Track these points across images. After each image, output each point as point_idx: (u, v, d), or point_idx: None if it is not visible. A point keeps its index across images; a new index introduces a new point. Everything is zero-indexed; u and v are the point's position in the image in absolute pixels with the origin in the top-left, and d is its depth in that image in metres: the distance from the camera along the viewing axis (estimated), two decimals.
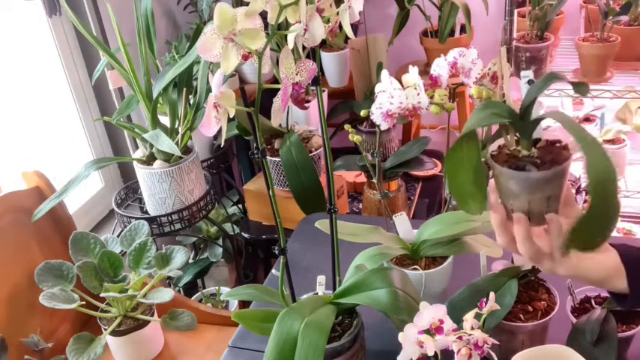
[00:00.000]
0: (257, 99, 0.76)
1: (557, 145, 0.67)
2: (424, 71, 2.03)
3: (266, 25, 0.73)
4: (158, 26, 2.02)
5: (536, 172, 0.64)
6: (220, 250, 2.04)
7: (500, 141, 0.70)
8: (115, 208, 1.65)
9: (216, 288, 1.95)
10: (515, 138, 0.68)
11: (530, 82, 0.70)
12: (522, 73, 0.72)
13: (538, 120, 0.66)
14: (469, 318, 0.74)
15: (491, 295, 0.77)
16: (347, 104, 2.26)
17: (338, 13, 0.80)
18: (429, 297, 0.99)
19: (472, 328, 0.73)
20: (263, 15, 0.72)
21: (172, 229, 1.62)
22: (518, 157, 0.66)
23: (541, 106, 2.34)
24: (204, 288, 2.06)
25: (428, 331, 0.74)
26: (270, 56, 0.77)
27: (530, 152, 0.66)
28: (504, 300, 0.87)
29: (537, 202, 0.66)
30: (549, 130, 2.17)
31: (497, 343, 0.75)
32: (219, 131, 0.75)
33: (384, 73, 1.01)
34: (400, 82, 1.00)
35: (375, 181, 1.13)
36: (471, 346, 0.72)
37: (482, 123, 0.65)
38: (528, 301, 0.91)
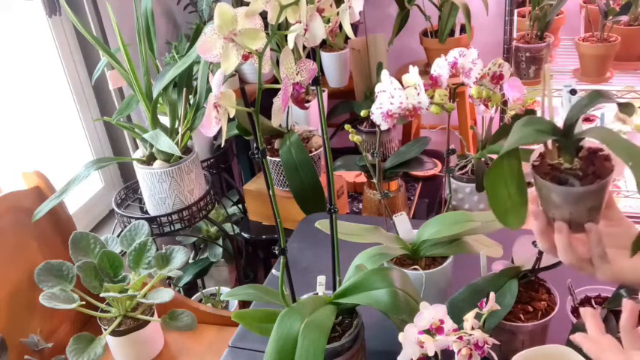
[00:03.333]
0: (257, 99, 0.76)
1: (600, 154, 0.66)
2: (424, 71, 2.03)
3: (266, 25, 0.73)
4: (158, 26, 2.02)
5: (579, 187, 0.63)
6: (220, 250, 2.04)
7: (541, 149, 0.69)
8: (115, 208, 1.65)
9: (216, 288, 1.95)
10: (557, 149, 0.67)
11: (572, 91, 0.68)
12: (565, 82, 0.70)
13: (582, 137, 0.65)
14: (469, 318, 0.74)
15: (492, 295, 0.77)
16: (347, 104, 2.26)
17: (338, 13, 0.80)
18: (429, 297, 0.99)
19: (472, 328, 0.73)
20: (263, 15, 0.72)
21: (172, 229, 1.62)
22: (561, 170, 0.66)
23: (540, 106, 2.34)
24: (204, 288, 2.06)
25: (428, 331, 0.74)
26: (270, 56, 0.77)
27: (573, 164, 0.66)
28: (504, 300, 0.87)
29: (579, 212, 0.66)
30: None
31: (498, 343, 0.75)
32: (220, 131, 0.75)
33: (385, 73, 1.01)
34: (400, 82, 1.00)
35: (375, 181, 1.13)
36: (471, 346, 0.72)
37: (525, 140, 0.64)
38: (528, 301, 0.91)
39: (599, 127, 0.64)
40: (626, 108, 0.65)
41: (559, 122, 0.66)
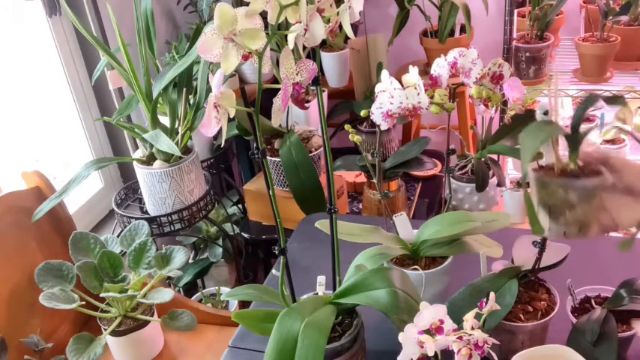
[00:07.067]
0: (257, 99, 0.76)
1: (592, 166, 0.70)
2: (424, 71, 2.03)
3: (266, 25, 0.73)
4: (158, 26, 2.02)
5: (595, 178, 0.66)
6: (220, 250, 2.04)
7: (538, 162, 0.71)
8: (115, 208, 1.65)
9: (216, 288, 1.95)
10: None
11: (545, 113, 0.74)
12: (541, 104, 0.76)
13: (585, 135, 0.69)
14: (469, 318, 0.74)
15: (492, 295, 0.77)
16: (347, 104, 2.27)
17: (338, 13, 0.80)
18: (429, 297, 0.99)
19: (472, 328, 0.73)
20: (263, 15, 0.72)
21: (172, 229, 1.62)
22: (568, 171, 0.69)
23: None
24: (204, 288, 2.06)
25: (428, 331, 0.74)
26: (270, 56, 0.77)
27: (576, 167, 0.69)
28: (504, 300, 0.87)
29: (589, 211, 0.67)
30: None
31: (498, 343, 0.75)
32: (220, 131, 0.75)
33: (385, 73, 1.01)
34: (400, 82, 1.00)
35: (375, 181, 1.13)
36: (471, 346, 0.72)
37: (544, 140, 0.67)
38: (528, 301, 0.91)
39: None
40: (615, 101, 0.68)
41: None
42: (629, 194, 0.67)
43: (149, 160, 1.59)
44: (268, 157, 1.60)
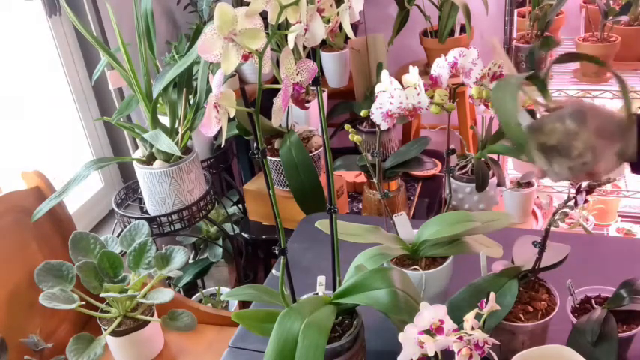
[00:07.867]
0: (257, 99, 0.76)
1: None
2: (424, 71, 2.03)
3: (266, 25, 0.73)
4: (158, 26, 2.02)
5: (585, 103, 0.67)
6: (220, 250, 2.04)
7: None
8: (115, 208, 1.65)
9: (216, 288, 1.95)
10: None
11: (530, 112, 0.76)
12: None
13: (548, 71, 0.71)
14: (469, 318, 0.74)
15: (492, 295, 0.77)
16: (347, 104, 2.27)
17: (338, 13, 0.80)
18: (429, 297, 0.99)
19: (472, 328, 0.73)
20: (263, 15, 0.72)
21: (172, 229, 1.62)
22: (551, 108, 0.70)
23: None
24: (204, 288, 2.06)
25: (428, 331, 0.74)
26: (271, 56, 0.77)
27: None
28: (504, 300, 0.87)
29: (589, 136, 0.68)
30: None
31: (498, 343, 0.75)
32: (220, 131, 0.75)
33: (385, 72, 1.01)
34: (400, 82, 1.00)
35: (375, 181, 1.13)
36: (471, 346, 0.72)
37: (515, 94, 0.66)
38: (528, 301, 0.91)
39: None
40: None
41: None
42: (601, 137, 0.67)
43: (149, 160, 1.59)
44: (268, 157, 1.60)
